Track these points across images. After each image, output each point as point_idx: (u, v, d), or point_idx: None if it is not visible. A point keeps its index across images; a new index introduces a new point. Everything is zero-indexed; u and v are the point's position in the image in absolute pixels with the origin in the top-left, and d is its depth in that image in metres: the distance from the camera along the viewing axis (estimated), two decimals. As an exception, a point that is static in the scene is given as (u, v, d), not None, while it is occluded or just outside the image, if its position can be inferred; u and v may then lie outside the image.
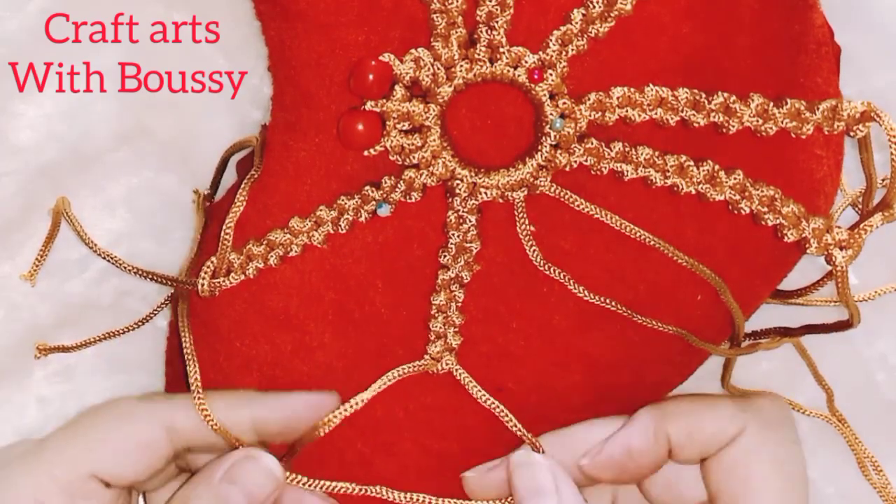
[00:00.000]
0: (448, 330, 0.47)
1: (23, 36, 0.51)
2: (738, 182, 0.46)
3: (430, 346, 0.48)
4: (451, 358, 0.48)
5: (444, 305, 0.47)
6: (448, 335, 0.47)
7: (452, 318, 0.47)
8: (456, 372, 0.48)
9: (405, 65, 0.45)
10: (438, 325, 0.47)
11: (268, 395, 0.47)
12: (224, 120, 0.52)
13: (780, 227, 0.46)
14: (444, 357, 0.48)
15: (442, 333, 0.47)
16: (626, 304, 0.47)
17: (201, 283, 0.47)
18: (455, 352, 0.48)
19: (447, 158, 0.45)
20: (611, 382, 0.49)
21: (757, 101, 0.45)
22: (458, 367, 0.48)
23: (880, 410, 0.55)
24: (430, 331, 0.48)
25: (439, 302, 0.47)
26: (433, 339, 0.48)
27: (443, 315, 0.47)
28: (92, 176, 0.52)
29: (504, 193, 0.46)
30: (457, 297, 0.47)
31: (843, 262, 0.46)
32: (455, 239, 0.46)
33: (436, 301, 0.47)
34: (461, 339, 0.48)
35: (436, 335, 0.47)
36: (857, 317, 0.48)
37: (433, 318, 0.47)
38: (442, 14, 0.44)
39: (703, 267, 0.47)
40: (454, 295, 0.47)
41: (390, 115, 0.45)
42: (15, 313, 0.52)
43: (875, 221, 0.46)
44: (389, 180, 0.46)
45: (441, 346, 0.47)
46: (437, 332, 0.47)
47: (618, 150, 0.45)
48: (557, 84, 0.45)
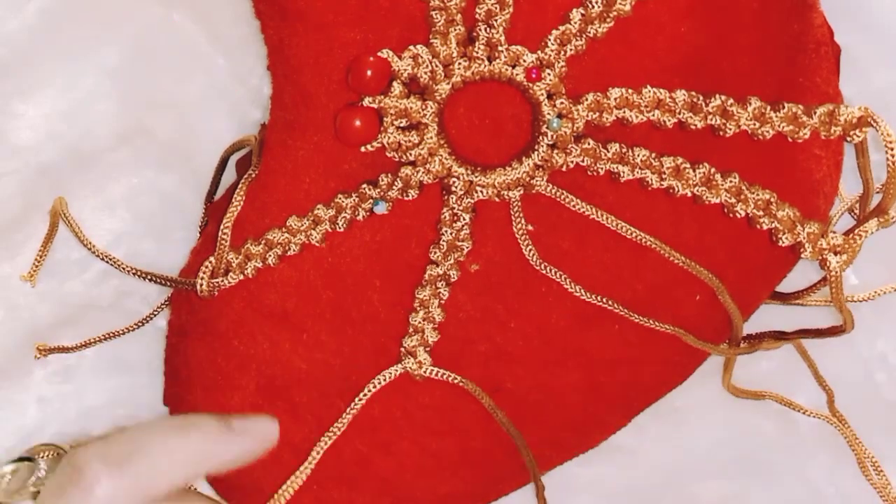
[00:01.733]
0: (426, 326, 0.47)
1: (23, 36, 0.51)
2: (733, 185, 0.46)
3: (406, 339, 0.47)
4: (426, 356, 0.47)
5: (426, 301, 0.47)
6: (426, 330, 0.47)
7: (433, 315, 0.47)
8: (435, 373, 0.48)
9: (403, 61, 0.45)
10: (418, 319, 0.47)
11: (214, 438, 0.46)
12: (224, 120, 0.52)
13: (774, 231, 0.46)
14: (421, 355, 0.48)
15: (420, 328, 0.47)
16: (623, 304, 0.47)
17: (200, 283, 0.47)
18: (430, 349, 0.48)
19: (444, 156, 0.45)
20: (609, 382, 0.49)
21: (754, 104, 0.45)
22: (433, 367, 0.48)
23: (880, 410, 0.55)
24: (408, 324, 0.47)
25: (423, 297, 0.47)
26: (411, 332, 0.47)
27: (424, 310, 0.47)
28: (92, 176, 0.52)
29: (500, 192, 0.46)
30: (441, 294, 0.47)
31: (837, 267, 0.46)
32: (447, 236, 0.46)
33: (420, 295, 0.47)
34: (438, 336, 0.47)
35: (413, 329, 0.47)
36: (850, 323, 0.48)
37: (414, 311, 0.47)
38: (441, 11, 0.44)
39: (700, 268, 0.46)
40: (439, 292, 0.47)
41: (388, 112, 0.45)
42: (15, 313, 0.52)
43: (870, 227, 0.46)
44: (386, 178, 0.46)
45: (417, 340, 0.47)
46: (416, 326, 0.47)
47: (614, 151, 0.45)
48: (555, 84, 0.45)
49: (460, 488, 0.50)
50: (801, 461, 0.55)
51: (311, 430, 0.49)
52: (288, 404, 0.48)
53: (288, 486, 0.48)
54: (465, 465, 0.50)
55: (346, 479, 0.49)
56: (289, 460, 0.49)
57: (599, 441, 0.51)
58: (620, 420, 0.51)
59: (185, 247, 0.52)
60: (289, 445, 0.49)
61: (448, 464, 0.49)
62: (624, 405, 0.50)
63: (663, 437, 0.54)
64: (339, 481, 0.49)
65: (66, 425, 0.53)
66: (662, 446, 0.55)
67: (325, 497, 0.49)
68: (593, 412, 0.49)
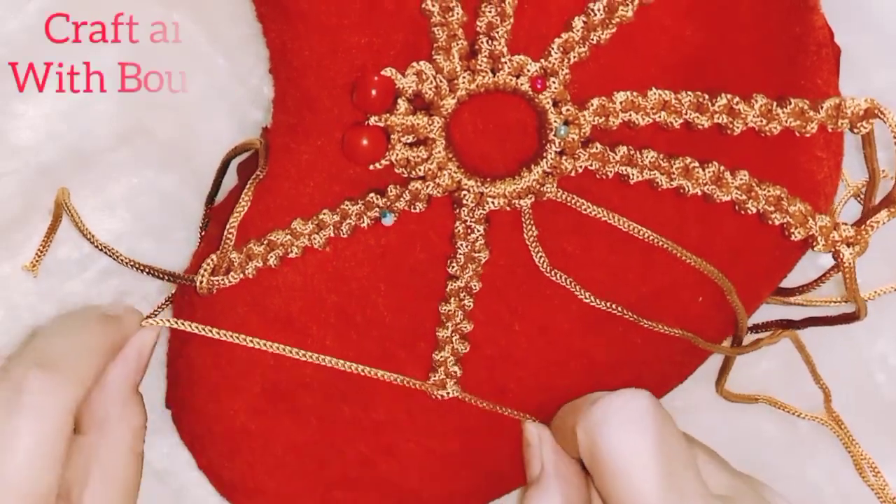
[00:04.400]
0: (454, 337, 0.47)
1: (23, 36, 0.51)
2: (744, 182, 0.46)
3: (437, 353, 0.48)
4: (455, 386, 0.48)
5: (452, 313, 0.47)
6: (454, 342, 0.47)
7: (461, 327, 0.47)
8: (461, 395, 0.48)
9: (407, 78, 0.44)
10: (447, 332, 0.47)
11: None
12: (224, 120, 0.52)
13: (787, 225, 0.46)
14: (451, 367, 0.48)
15: (448, 340, 0.47)
16: (628, 307, 0.47)
17: (200, 279, 0.47)
18: (460, 359, 0.48)
19: (453, 170, 0.45)
20: (611, 383, 0.49)
21: (760, 101, 0.45)
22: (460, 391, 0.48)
23: (880, 410, 0.55)
24: (437, 338, 0.48)
25: (448, 310, 0.47)
26: (440, 345, 0.48)
27: (452, 323, 0.47)
28: (92, 176, 0.52)
29: (511, 202, 0.46)
30: (466, 305, 0.47)
31: (850, 258, 0.47)
32: (463, 249, 0.46)
33: (444, 309, 0.47)
34: (468, 347, 0.48)
35: (443, 342, 0.48)
36: (864, 310, 0.48)
37: (441, 325, 0.47)
38: (442, 27, 0.44)
39: (712, 267, 0.47)
40: (463, 304, 0.47)
41: (394, 129, 0.45)
42: (15, 313, 0.52)
43: (881, 217, 0.46)
44: (395, 189, 0.46)
45: (449, 351, 0.48)
46: (444, 338, 0.48)
47: (622, 153, 0.45)
48: (560, 91, 0.45)
49: (464, 488, 0.50)
50: (801, 461, 0.55)
51: (315, 433, 0.49)
52: (292, 407, 0.48)
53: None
54: (468, 466, 0.50)
55: (349, 481, 0.49)
56: (293, 462, 0.49)
57: (600, 441, 0.51)
58: (622, 420, 0.51)
59: (185, 247, 0.52)
60: (293, 448, 0.49)
61: (451, 464, 0.49)
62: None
63: (663, 436, 0.55)
64: (342, 484, 0.49)
65: (66, 425, 0.53)
66: (662, 446, 0.55)
67: (329, 499, 0.50)
68: (595, 413, 0.50)
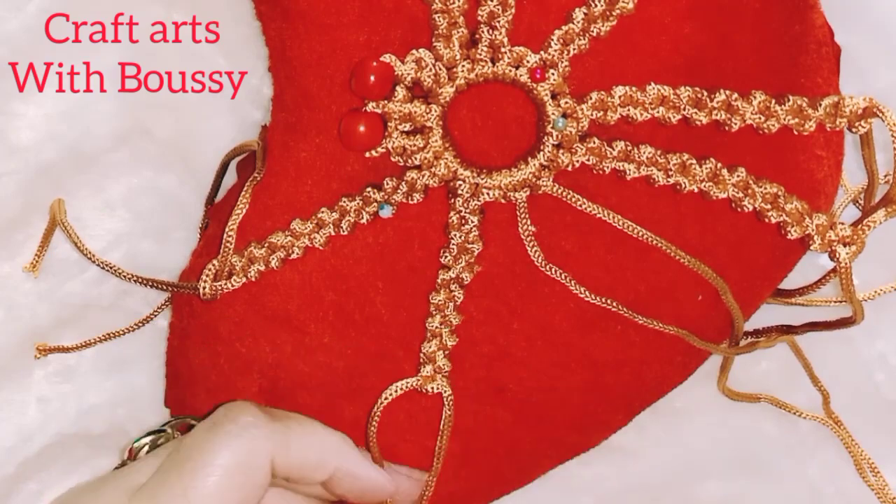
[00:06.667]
0: (443, 329, 0.47)
1: (23, 36, 0.51)
2: (741, 179, 0.46)
3: (425, 345, 0.47)
4: (445, 361, 0.48)
5: (442, 304, 0.47)
6: (443, 334, 0.47)
7: (450, 318, 0.47)
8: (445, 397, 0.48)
9: (406, 65, 0.44)
10: (435, 323, 0.47)
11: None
12: (224, 120, 0.52)
13: (783, 224, 0.46)
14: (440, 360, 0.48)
15: (437, 332, 0.47)
16: (626, 305, 0.47)
17: (203, 286, 0.47)
18: (448, 352, 0.48)
19: (449, 159, 0.45)
20: (611, 382, 0.49)
21: (759, 98, 0.45)
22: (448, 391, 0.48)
23: (880, 410, 0.55)
24: (426, 329, 0.47)
25: (438, 301, 0.47)
26: (428, 337, 0.47)
27: (440, 314, 0.47)
28: (92, 176, 0.52)
29: (506, 194, 0.46)
30: (456, 297, 0.47)
31: (846, 258, 0.46)
32: (457, 239, 0.46)
33: (434, 300, 0.47)
34: (457, 340, 0.47)
35: (431, 334, 0.47)
36: (860, 313, 0.48)
37: (431, 316, 0.47)
38: (443, 14, 0.44)
39: (705, 266, 0.47)
40: (453, 295, 0.47)
41: (392, 116, 0.45)
42: (15, 313, 0.52)
43: (878, 217, 0.46)
44: (391, 181, 0.46)
45: (436, 345, 0.47)
46: (433, 330, 0.47)
47: (620, 149, 0.45)
48: (559, 84, 0.45)
49: (463, 488, 0.50)
50: (801, 461, 0.55)
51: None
52: (291, 407, 0.48)
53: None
54: (467, 466, 0.50)
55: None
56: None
57: (600, 440, 0.51)
58: (621, 420, 0.51)
59: (184, 247, 0.52)
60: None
61: (450, 464, 0.49)
62: (625, 405, 0.50)
63: (663, 437, 0.55)
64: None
65: (66, 425, 0.53)
66: (662, 446, 0.55)
67: (328, 499, 0.50)
68: (595, 412, 0.49)
